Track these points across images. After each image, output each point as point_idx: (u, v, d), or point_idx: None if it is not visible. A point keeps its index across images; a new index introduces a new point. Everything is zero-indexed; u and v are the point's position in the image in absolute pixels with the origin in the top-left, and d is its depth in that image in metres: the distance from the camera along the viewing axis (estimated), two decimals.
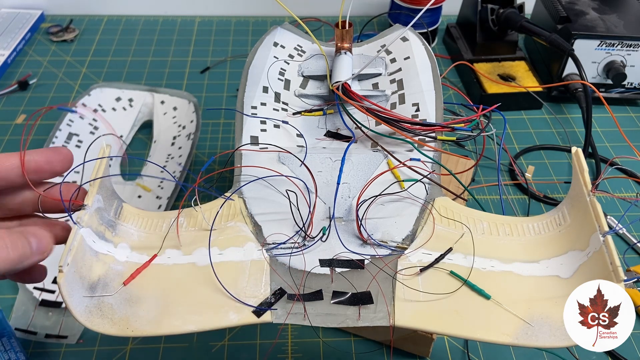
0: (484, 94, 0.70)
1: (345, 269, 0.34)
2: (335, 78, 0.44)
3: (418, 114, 0.43)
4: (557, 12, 0.71)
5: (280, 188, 0.39)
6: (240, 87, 0.45)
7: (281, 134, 0.43)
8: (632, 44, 0.68)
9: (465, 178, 0.53)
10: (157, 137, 0.65)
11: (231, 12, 0.90)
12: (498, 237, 0.36)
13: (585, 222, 0.33)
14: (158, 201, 0.57)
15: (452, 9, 0.84)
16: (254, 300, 0.33)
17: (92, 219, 0.34)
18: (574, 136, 0.69)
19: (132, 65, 0.79)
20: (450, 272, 0.34)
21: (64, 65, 0.78)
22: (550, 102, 0.73)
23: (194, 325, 0.32)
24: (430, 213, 0.37)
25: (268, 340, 0.48)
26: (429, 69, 0.45)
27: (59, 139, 0.61)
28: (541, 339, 0.30)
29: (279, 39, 0.49)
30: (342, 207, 0.38)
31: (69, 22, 0.85)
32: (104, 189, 0.36)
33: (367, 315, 0.32)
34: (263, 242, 0.36)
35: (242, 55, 0.81)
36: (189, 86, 0.75)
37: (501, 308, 0.32)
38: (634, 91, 0.72)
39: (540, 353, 0.47)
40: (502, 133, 0.44)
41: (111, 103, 0.67)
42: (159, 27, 0.87)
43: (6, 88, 0.73)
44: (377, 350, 0.47)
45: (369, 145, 0.43)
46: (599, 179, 0.36)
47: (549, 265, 0.34)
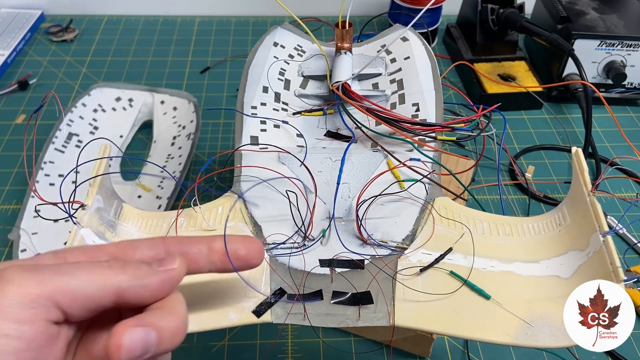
0: (484, 94, 0.70)
1: (345, 269, 0.34)
2: (335, 78, 0.44)
3: (418, 114, 0.43)
4: (557, 12, 0.71)
5: (280, 188, 0.39)
6: (240, 87, 0.45)
7: (281, 134, 0.43)
8: (632, 44, 0.67)
9: (465, 178, 0.53)
10: (157, 137, 0.65)
11: (231, 12, 0.90)
12: (498, 237, 0.36)
13: (585, 222, 0.33)
14: (158, 201, 0.57)
15: (452, 9, 0.84)
16: (254, 300, 0.33)
17: (92, 219, 0.34)
18: (574, 136, 0.69)
19: (132, 65, 0.79)
20: (450, 272, 0.34)
21: (64, 65, 0.78)
22: (550, 102, 0.73)
23: (194, 325, 0.31)
24: (430, 213, 0.37)
25: (268, 340, 0.48)
26: (429, 69, 0.45)
27: (59, 139, 0.61)
28: (541, 339, 0.30)
29: (279, 39, 0.49)
30: (342, 207, 0.38)
31: (69, 22, 0.85)
32: (103, 189, 0.36)
33: (367, 315, 0.32)
34: (263, 242, 0.36)
35: (242, 55, 0.81)
36: (189, 86, 0.75)
37: (501, 308, 0.32)
38: (634, 91, 0.72)
39: (540, 353, 0.47)
40: (502, 133, 0.44)
41: (111, 103, 0.67)
42: (159, 27, 0.87)
43: (6, 88, 0.73)
44: (377, 350, 0.47)
45: (369, 145, 0.43)
46: (599, 179, 0.36)
47: (549, 265, 0.34)
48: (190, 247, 0.28)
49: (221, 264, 0.29)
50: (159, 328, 0.24)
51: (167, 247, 0.28)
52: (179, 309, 0.26)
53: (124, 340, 0.23)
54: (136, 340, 0.23)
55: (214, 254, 0.28)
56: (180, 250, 0.28)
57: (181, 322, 0.25)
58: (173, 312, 0.25)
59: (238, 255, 0.29)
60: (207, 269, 0.29)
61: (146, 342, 0.23)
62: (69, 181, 0.38)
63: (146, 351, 0.23)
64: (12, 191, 0.60)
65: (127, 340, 0.23)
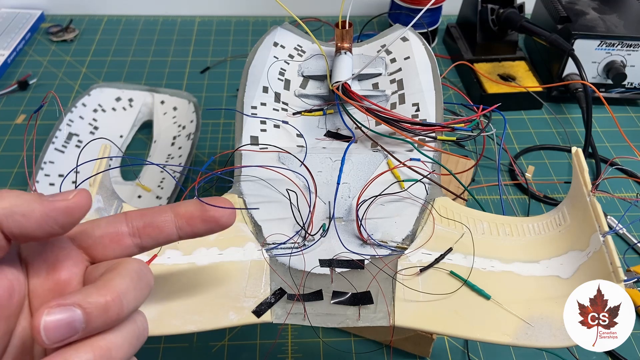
0: (484, 94, 0.70)
1: (345, 269, 0.34)
2: (335, 78, 0.44)
3: (418, 114, 0.43)
4: (557, 12, 0.71)
5: (280, 188, 0.39)
6: (240, 87, 0.45)
7: (281, 134, 0.43)
8: (632, 44, 0.67)
9: (465, 178, 0.53)
10: (157, 137, 0.65)
11: (231, 12, 0.90)
12: (498, 237, 0.36)
13: (585, 222, 0.33)
14: (158, 201, 0.57)
15: (452, 9, 0.84)
16: (254, 300, 0.33)
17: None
18: (574, 136, 0.69)
19: (132, 65, 0.79)
20: (450, 272, 0.34)
21: (64, 65, 0.78)
22: (550, 102, 0.73)
23: (194, 325, 0.32)
24: (430, 213, 0.37)
25: (268, 340, 0.48)
26: (429, 69, 0.45)
27: (59, 139, 0.61)
28: (541, 339, 0.30)
29: (279, 39, 0.49)
30: (342, 207, 0.38)
31: (69, 22, 0.85)
32: (103, 189, 0.36)
33: (367, 315, 0.32)
34: (263, 242, 0.36)
35: (242, 55, 0.81)
36: (189, 86, 0.75)
37: (501, 308, 0.32)
38: (634, 91, 0.72)
39: (540, 353, 0.47)
40: (502, 133, 0.44)
41: (111, 103, 0.67)
42: (159, 27, 0.87)
43: (6, 88, 0.73)
44: (377, 350, 0.47)
45: (369, 145, 0.43)
46: (599, 179, 0.36)
47: (549, 265, 0.34)
48: (154, 217, 0.28)
49: (190, 229, 0.28)
50: (86, 305, 0.22)
51: (130, 221, 0.28)
52: (114, 283, 0.24)
53: (44, 321, 0.21)
54: (58, 320, 0.22)
55: (180, 219, 0.28)
56: (145, 222, 0.28)
57: (114, 297, 0.23)
58: (104, 286, 0.24)
59: (207, 216, 0.28)
60: (177, 236, 0.28)
61: (71, 322, 0.22)
62: (69, 181, 0.38)
63: (73, 331, 0.22)
64: None
65: (47, 321, 0.21)
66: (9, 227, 0.23)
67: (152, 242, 0.28)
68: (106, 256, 0.27)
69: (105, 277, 0.24)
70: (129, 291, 0.24)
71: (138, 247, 0.28)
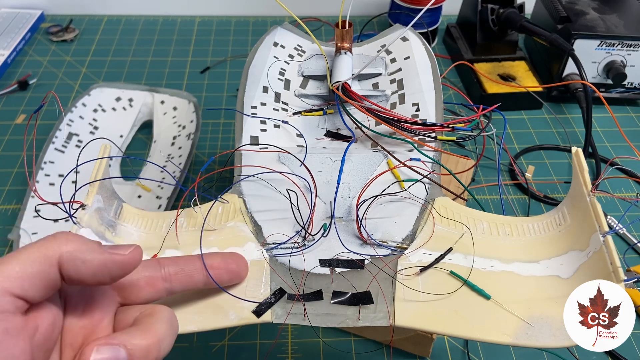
0: (484, 94, 0.70)
1: (345, 269, 0.34)
2: (335, 78, 0.44)
3: (418, 114, 0.43)
4: (557, 12, 0.71)
5: (280, 188, 0.39)
6: (240, 87, 0.45)
7: (281, 134, 0.43)
8: (632, 44, 0.67)
9: (465, 178, 0.53)
10: (157, 137, 0.65)
11: (231, 12, 0.90)
12: (498, 237, 0.36)
13: (585, 222, 0.33)
14: (158, 201, 0.57)
15: (452, 9, 0.84)
16: (254, 300, 0.32)
17: (92, 219, 0.34)
18: (574, 136, 0.69)
19: (132, 65, 0.79)
20: (450, 272, 0.34)
21: (64, 65, 0.78)
22: (551, 102, 0.73)
23: (194, 325, 0.32)
24: (430, 213, 0.37)
25: (268, 340, 0.48)
26: (429, 69, 0.45)
27: (59, 139, 0.61)
28: (541, 339, 0.30)
29: (279, 39, 0.49)
30: (342, 207, 0.38)
31: (69, 22, 0.85)
32: (103, 189, 0.36)
33: (367, 315, 0.32)
34: (263, 242, 0.36)
35: (242, 55, 0.81)
36: (189, 86, 0.75)
37: (501, 308, 0.32)
38: (634, 91, 0.72)
39: (540, 353, 0.47)
40: (502, 133, 0.44)
41: (111, 103, 0.67)
42: (159, 27, 0.87)
43: (6, 88, 0.73)
44: (377, 350, 0.47)
45: (369, 145, 0.43)
46: (599, 179, 0.36)
47: (549, 265, 0.34)
48: (186, 265, 0.31)
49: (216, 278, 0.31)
50: (130, 346, 0.24)
51: (163, 266, 0.30)
52: (155, 327, 0.26)
53: (93, 358, 0.24)
54: (105, 358, 0.24)
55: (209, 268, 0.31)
56: (177, 269, 0.30)
57: (155, 341, 0.25)
58: (147, 331, 0.26)
59: (231, 269, 0.32)
60: (203, 284, 0.31)
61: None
62: (69, 181, 0.38)
63: None
64: (12, 191, 0.60)
65: (97, 359, 0.24)
66: (67, 270, 0.25)
67: (181, 287, 0.30)
68: (139, 298, 0.29)
69: (146, 322, 0.26)
70: (167, 337, 0.26)
71: (167, 291, 0.30)
